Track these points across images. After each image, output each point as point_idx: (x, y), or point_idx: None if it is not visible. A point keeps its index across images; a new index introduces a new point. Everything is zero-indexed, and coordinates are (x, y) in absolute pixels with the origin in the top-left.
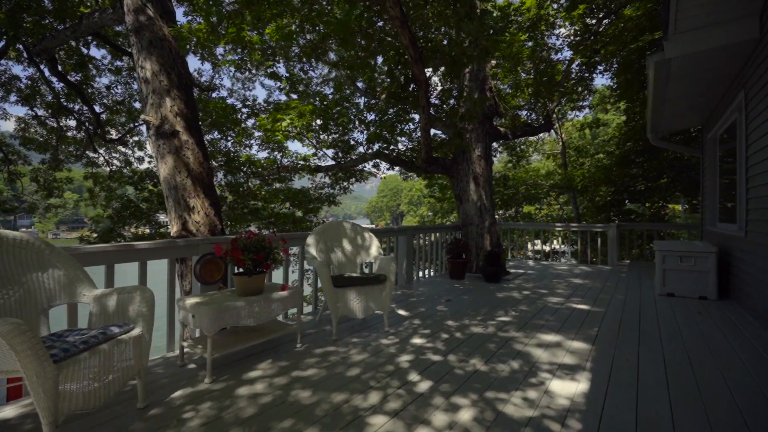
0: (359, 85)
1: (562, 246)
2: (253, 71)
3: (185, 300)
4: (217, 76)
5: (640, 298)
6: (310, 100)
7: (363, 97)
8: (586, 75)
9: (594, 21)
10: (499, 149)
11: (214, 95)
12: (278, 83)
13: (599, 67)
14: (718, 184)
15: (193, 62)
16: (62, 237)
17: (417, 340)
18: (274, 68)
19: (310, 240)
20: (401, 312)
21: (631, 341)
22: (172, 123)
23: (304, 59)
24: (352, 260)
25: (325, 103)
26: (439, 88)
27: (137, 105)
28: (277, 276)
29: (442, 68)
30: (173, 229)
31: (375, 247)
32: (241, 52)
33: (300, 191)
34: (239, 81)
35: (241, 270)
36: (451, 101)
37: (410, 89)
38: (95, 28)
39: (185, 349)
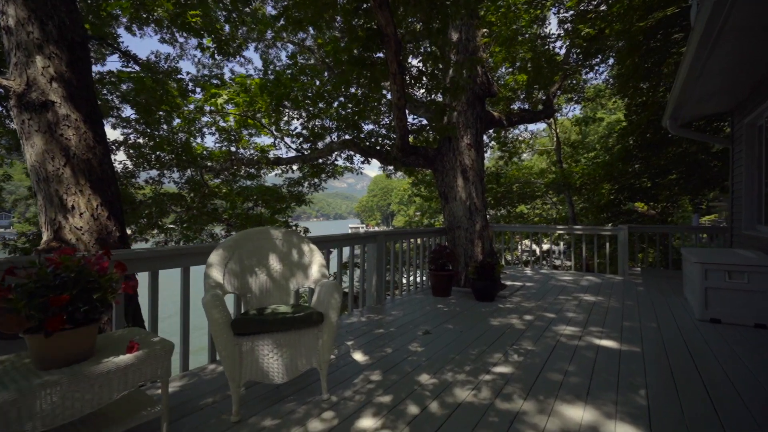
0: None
1: (559, 245)
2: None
3: None
4: (173, 56)
5: (678, 325)
6: (267, 76)
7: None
8: (583, 57)
9: None
10: (490, 144)
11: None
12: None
13: (596, 59)
14: (762, 177)
15: (152, 44)
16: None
17: (367, 422)
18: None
19: (215, 257)
20: (356, 356)
21: (707, 421)
22: (43, 90)
23: (230, 5)
24: (283, 286)
25: (279, 77)
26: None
27: None
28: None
29: (428, 55)
30: (43, 237)
31: (317, 266)
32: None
33: (269, 188)
34: (206, 67)
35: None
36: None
37: (377, 57)
38: None
39: None
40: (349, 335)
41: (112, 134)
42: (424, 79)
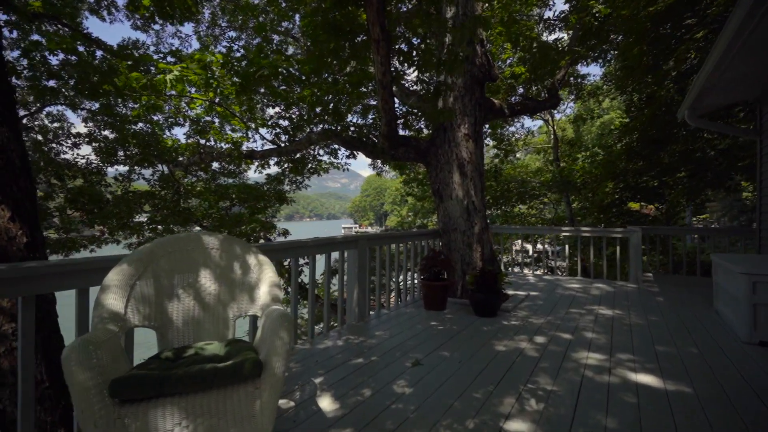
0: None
1: (564, 247)
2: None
3: None
4: (144, 42)
5: (724, 351)
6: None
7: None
8: (581, 43)
9: None
10: (486, 140)
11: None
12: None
13: (599, 51)
14: None
15: (126, 31)
16: None
17: None
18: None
19: (115, 276)
20: (324, 403)
21: None
22: None
23: None
24: (219, 314)
25: (247, 53)
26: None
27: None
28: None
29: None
30: None
31: (266, 286)
32: None
33: (246, 186)
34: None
35: None
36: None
37: (357, 27)
38: None
39: None
40: (319, 367)
41: (81, 129)
42: (415, 54)
